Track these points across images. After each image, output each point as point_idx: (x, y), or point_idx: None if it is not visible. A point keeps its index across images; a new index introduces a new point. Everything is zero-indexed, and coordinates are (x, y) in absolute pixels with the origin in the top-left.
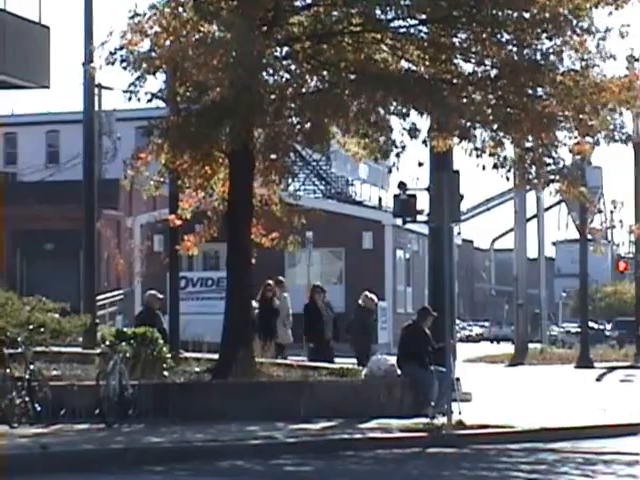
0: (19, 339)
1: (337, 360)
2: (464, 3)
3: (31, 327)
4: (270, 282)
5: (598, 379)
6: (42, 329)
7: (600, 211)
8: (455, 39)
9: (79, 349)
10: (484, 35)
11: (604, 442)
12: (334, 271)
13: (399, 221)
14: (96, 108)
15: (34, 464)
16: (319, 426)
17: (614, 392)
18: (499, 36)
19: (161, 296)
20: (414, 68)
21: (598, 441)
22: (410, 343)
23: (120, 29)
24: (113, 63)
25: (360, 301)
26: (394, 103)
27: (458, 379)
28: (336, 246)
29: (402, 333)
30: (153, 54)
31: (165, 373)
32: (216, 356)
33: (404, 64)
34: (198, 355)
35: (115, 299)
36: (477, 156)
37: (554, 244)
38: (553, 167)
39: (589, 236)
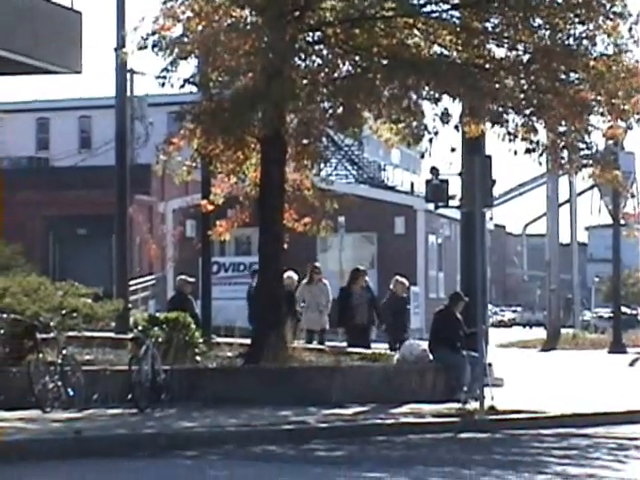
0: (52, 324)
1: (374, 346)
2: None
3: (64, 312)
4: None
5: (631, 364)
6: (75, 314)
7: (633, 196)
8: (487, 24)
9: (112, 334)
10: (516, 20)
11: (637, 428)
12: (366, 256)
13: (431, 206)
14: (128, 93)
15: (67, 449)
16: (351, 411)
17: None
18: (532, 21)
19: (192, 280)
20: (446, 53)
21: (631, 427)
22: (442, 328)
23: (152, 14)
24: (145, 48)
25: (391, 286)
26: (426, 88)
27: (490, 364)
28: (368, 231)
29: (434, 318)
30: (185, 39)
31: (197, 358)
32: (248, 341)
33: (436, 49)
34: (230, 340)
35: (147, 284)
36: (509, 141)
37: (587, 229)
38: (586, 152)
39: (622, 221)
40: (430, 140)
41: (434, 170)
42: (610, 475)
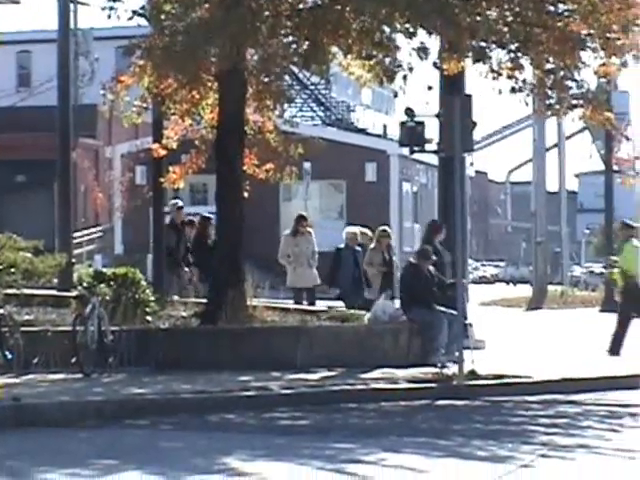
0: None
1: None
2: None
3: (0, 267)
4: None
5: None
6: (13, 269)
7: (627, 139)
8: None
9: (54, 291)
10: None
11: (630, 393)
12: (334, 206)
13: (406, 151)
14: (72, 26)
15: (4, 418)
16: (318, 376)
17: None
18: None
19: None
20: None
21: (623, 392)
22: (413, 285)
23: None
24: None
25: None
26: (400, 21)
27: (470, 324)
28: (336, 178)
29: (402, 274)
30: None
31: (148, 318)
32: (204, 299)
33: None
34: (185, 298)
35: (93, 236)
36: (493, 79)
37: (577, 176)
38: (576, 91)
39: (615, 167)
40: (404, 77)
41: (409, 111)
42: (603, 445)
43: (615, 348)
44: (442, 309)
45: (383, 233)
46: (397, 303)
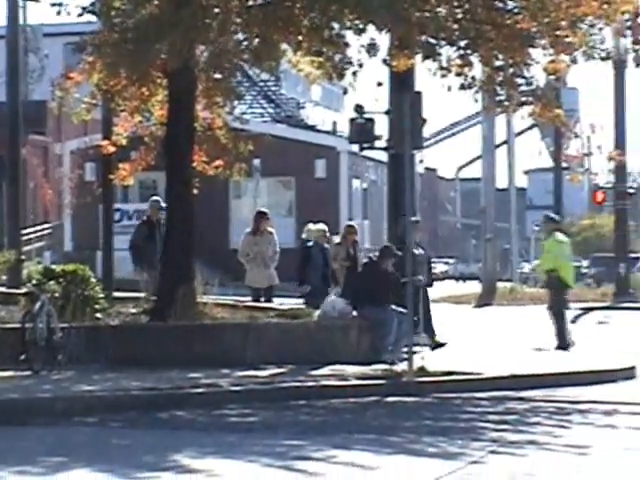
0: None
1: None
2: None
3: None
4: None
5: (573, 321)
6: None
7: (577, 136)
8: None
9: (2, 288)
10: None
11: (579, 390)
12: (283, 202)
13: (355, 147)
14: (21, 22)
15: None
16: (267, 373)
17: (591, 335)
18: None
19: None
20: None
21: (573, 389)
22: (369, 282)
23: None
24: None
25: (303, 235)
26: (350, 17)
27: (419, 321)
28: (286, 175)
29: (360, 271)
30: None
31: (98, 315)
32: (154, 296)
33: None
34: (134, 295)
35: (42, 233)
36: (442, 76)
37: (526, 173)
38: (525, 88)
39: (564, 164)
40: (354, 74)
41: (358, 108)
42: (552, 441)
43: (562, 342)
44: (394, 307)
45: (350, 229)
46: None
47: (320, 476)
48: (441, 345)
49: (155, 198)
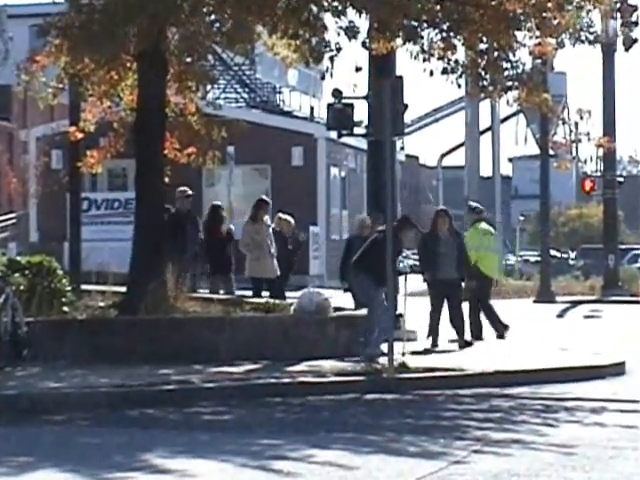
0: None
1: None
2: None
3: None
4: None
5: (560, 315)
6: None
7: (564, 122)
8: None
9: None
10: None
11: (566, 387)
12: (259, 191)
13: (334, 134)
14: None
15: None
16: (242, 369)
17: (578, 330)
18: None
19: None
20: None
21: (560, 386)
22: (377, 252)
23: None
24: None
25: (273, 224)
26: None
27: (401, 315)
28: (261, 163)
29: (375, 238)
30: None
31: (65, 308)
32: (123, 289)
33: None
34: (102, 288)
35: (7, 224)
36: (424, 60)
37: (511, 160)
38: (511, 72)
39: (551, 151)
40: (332, 58)
41: (337, 93)
42: (537, 440)
43: (500, 330)
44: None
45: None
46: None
47: (297, 476)
48: (469, 344)
49: (182, 188)
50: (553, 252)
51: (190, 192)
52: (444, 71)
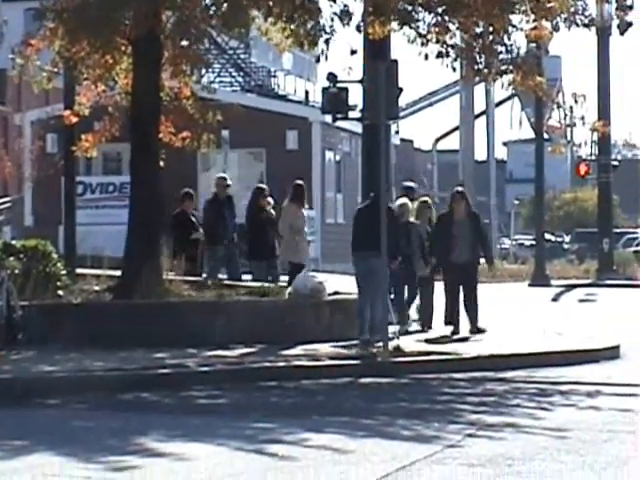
0: None
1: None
2: None
3: None
4: (262, 186)
5: (555, 299)
6: None
7: (559, 106)
8: None
9: None
10: None
11: (561, 370)
12: (254, 175)
13: (328, 118)
14: None
15: None
16: (236, 353)
17: (573, 313)
18: None
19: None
20: None
21: (554, 369)
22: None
23: None
24: None
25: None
26: None
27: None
28: (256, 147)
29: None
30: None
31: (59, 292)
32: (118, 273)
33: None
34: (97, 272)
35: (1, 207)
36: (421, 44)
37: (505, 144)
38: (506, 56)
39: (546, 135)
40: (327, 41)
41: (332, 76)
42: (532, 424)
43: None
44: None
45: (423, 204)
46: None
47: (292, 460)
48: (482, 331)
49: (221, 175)
50: (548, 236)
51: (229, 181)
52: (439, 54)
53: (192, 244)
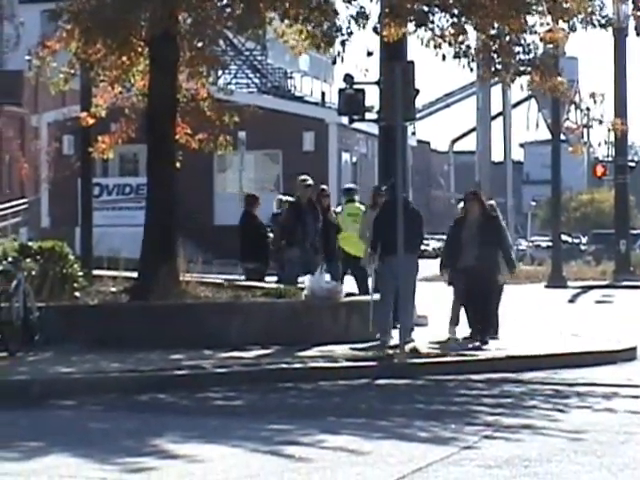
0: None
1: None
2: None
3: None
4: (325, 187)
5: (571, 300)
6: None
7: (577, 107)
8: None
9: None
10: None
11: (578, 372)
12: (270, 177)
13: (345, 119)
14: None
15: None
16: (253, 354)
17: (589, 315)
18: None
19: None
20: None
21: (571, 371)
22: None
23: None
24: None
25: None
26: None
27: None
28: (273, 148)
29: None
30: None
31: (76, 294)
32: (135, 274)
33: None
34: (114, 273)
35: (18, 209)
36: (435, 46)
37: (522, 146)
38: (523, 56)
39: (563, 136)
40: (343, 43)
41: (348, 78)
42: (549, 425)
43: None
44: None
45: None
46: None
47: (308, 461)
48: (484, 342)
49: (303, 177)
50: (564, 237)
51: (310, 181)
52: (456, 55)
53: (263, 245)
